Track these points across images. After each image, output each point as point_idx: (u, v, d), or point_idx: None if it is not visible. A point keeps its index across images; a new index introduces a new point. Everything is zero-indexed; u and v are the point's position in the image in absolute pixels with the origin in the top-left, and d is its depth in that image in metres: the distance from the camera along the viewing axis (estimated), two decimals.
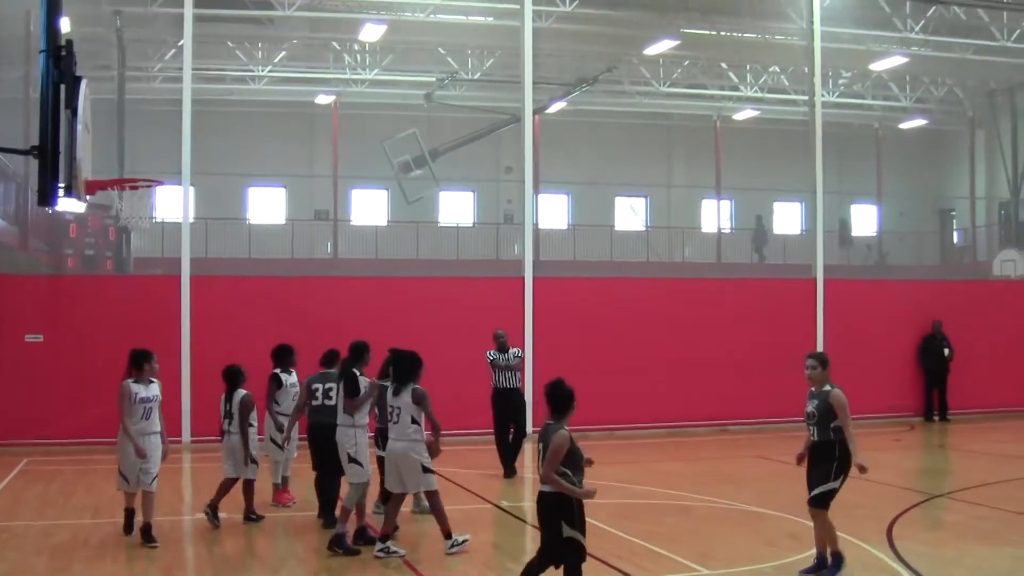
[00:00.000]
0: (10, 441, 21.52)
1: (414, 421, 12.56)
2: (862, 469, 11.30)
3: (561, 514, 9.29)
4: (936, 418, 27.10)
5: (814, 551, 11.55)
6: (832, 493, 11.38)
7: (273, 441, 15.30)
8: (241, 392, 14.39)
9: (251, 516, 14.52)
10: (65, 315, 22.50)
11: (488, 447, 19.44)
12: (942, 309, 27.22)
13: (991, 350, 27.24)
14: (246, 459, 14.21)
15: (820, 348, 26.01)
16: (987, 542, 12.87)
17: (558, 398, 9.54)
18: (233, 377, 14.49)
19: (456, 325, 23.19)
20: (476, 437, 20.48)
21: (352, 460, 12.93)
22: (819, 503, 11.38)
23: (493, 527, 14.30)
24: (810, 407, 11.74)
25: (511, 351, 19.31)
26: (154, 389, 13.21)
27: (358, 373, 13.29)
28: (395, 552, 12.42)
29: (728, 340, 25.32)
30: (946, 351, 27.05)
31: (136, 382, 13.06)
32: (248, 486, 14.52)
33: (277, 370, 15.34)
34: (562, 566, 9.51)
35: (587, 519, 14.06)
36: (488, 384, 18.98)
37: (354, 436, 13.07)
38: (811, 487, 11.51)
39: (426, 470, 12.61)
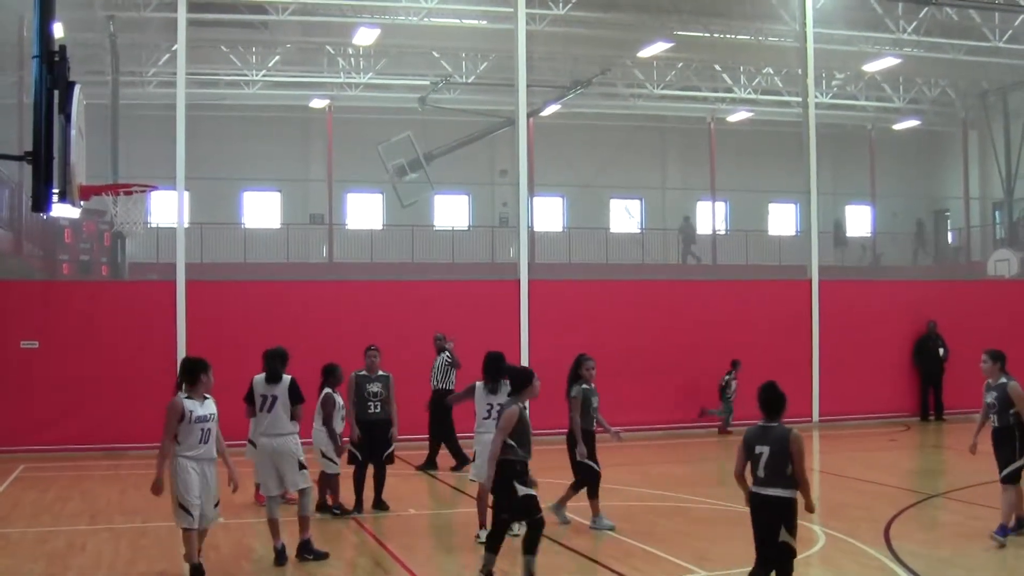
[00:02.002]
0: (6, 447, 21.50)
1: None
2: None
3: (783, 519, 9.21)
4: (932, 418, 27.12)
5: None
6: (1021, 468, 12.86)
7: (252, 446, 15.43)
8: (325, 390, 15.01)
9: (335, 511, 15.23)
10: (60, 321, 22.48)
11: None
12: (937, 309, 27.25)
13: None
14: (338, 451, 14.96)
15: (815, 349, 26.15)
16: (983, 542, 12.86)
17: (774, 400, 9.65)
18: (324, 375, 15.15)
19: (452, 328, 23.16)
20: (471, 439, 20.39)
21: (303, 467, 12.86)
22: (1011, 479, 12.84)
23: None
24: (989, 398, 13.29)
25: (445, 352, 20.30)
26: (210, 406, 11.57)
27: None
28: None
29: (724, 342, 25.33)
30: (941, 351, 27.08)
31: (189, 398, 11.44)
32: (325, 480, 15.21)
33: (328, 389, 15.23)
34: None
35: (582, 520, 14.10)
36: None
37: (299, 442, 12.99)
38: (1000, 467, 12.94)
39: None
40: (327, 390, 15.08)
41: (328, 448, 15.01)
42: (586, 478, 14.18)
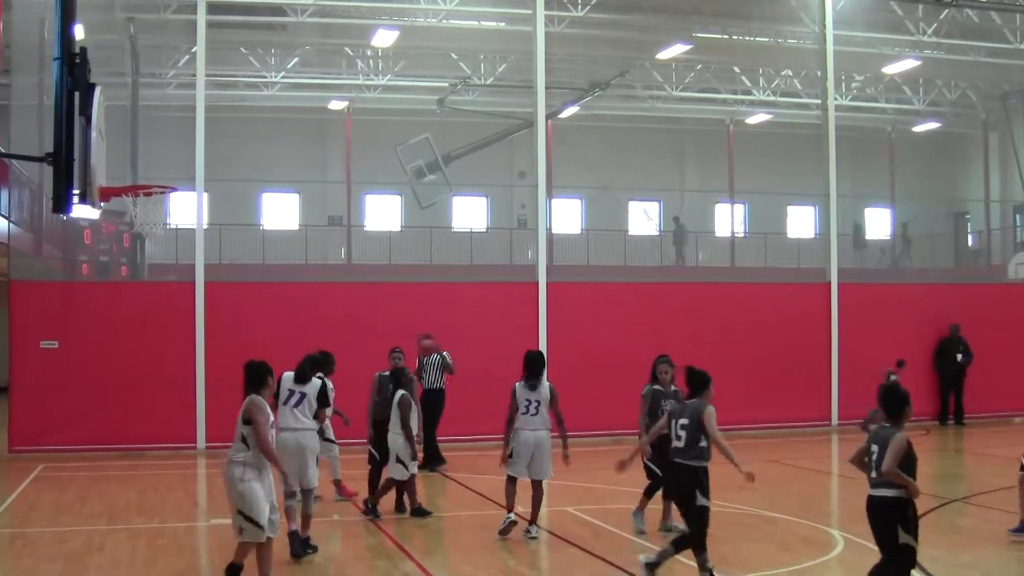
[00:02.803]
0: (25, 447, 21.61)
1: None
2: None
3: (897, 519, 9.28)
4: (951, 422, 27.02)
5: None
6: None
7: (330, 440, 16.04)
8: (400, 392, 15.12)
9: (418, 511, 15.33)
10: (80, 321, 22.57)
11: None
12: (956, 312, 27.17)
13: (1006, 353, 27.15)
14: (413, 455, 15.03)
15: (834, 353, 26.04)
16: (1002, 546, 12.83)
17: (893, 402, 9.67)
18: (394, 378, 15.39)
19: (470, 330, 23.21)
20: (488, 442, 20.36)
21: (317, 464, 13.16)
22: None
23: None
24: None
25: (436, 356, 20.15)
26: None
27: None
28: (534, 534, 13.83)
29: (742, 344, 25.28)
30: (959, 355, 26.96)
31: None
32: (408, 483, 15.32)
33: (403, 391, 15.37)
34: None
35: (600, 524, 14.08)
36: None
37: (317, 439, 13.40)
38: None
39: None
40: (401, 392, 15.16)
41: (404, 452, 15.02)
42: (650, 480, 14.20)
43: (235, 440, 10.80)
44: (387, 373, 15.91)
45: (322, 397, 13.20)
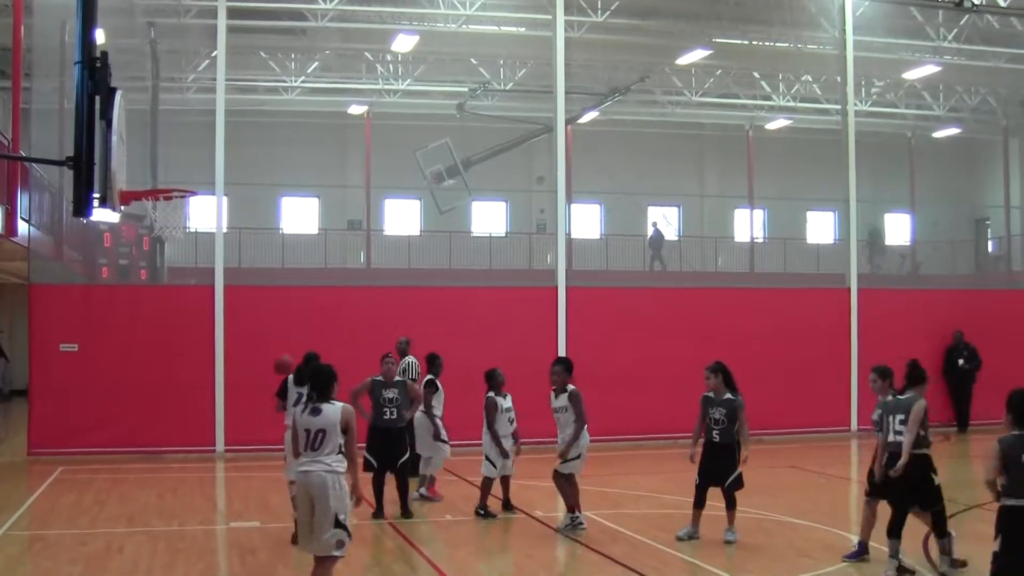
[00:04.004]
0: (44, 450, 21.68)
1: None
2: None
3: None
4: (954, 428, 26.73)
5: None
6: None
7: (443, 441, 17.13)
8: (488, 394, 15.55)
9: (479, 512, 15.57)
10: (99, 324, 22.62)
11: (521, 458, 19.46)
12: (976, 319, 27.02)
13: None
14: (503, 455, 15.53)
15: (854, 358, 25.97)
16: None
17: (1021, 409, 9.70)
18: (486, 380, 15.73)
19: (488, 335, 23.20)
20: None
21: None
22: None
23: (526, 535, 14.29)
24: (875, 415, 13.01)
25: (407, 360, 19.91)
26: None
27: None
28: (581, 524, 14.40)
29: (761, 350, 25.17)
30: (960, 361, 26.79)
31: None
32: (485, 483, 15.74)
33: (491, 393, 15.70)
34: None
35: (617, 528, 14.05)
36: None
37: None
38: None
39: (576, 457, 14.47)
40: (489, 394, 15.56)
41: (491, 451, 15.47)
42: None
43: (327, 448, 9.98)
44: (380, 378, 15.92)
45: None
